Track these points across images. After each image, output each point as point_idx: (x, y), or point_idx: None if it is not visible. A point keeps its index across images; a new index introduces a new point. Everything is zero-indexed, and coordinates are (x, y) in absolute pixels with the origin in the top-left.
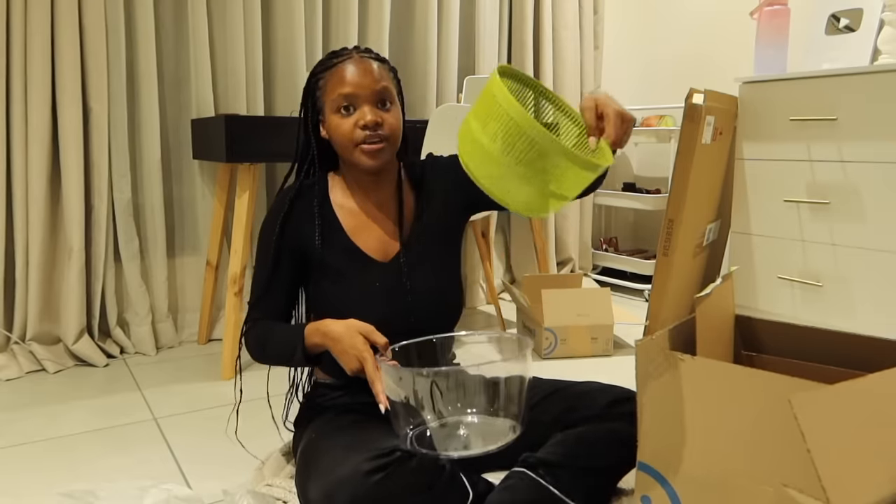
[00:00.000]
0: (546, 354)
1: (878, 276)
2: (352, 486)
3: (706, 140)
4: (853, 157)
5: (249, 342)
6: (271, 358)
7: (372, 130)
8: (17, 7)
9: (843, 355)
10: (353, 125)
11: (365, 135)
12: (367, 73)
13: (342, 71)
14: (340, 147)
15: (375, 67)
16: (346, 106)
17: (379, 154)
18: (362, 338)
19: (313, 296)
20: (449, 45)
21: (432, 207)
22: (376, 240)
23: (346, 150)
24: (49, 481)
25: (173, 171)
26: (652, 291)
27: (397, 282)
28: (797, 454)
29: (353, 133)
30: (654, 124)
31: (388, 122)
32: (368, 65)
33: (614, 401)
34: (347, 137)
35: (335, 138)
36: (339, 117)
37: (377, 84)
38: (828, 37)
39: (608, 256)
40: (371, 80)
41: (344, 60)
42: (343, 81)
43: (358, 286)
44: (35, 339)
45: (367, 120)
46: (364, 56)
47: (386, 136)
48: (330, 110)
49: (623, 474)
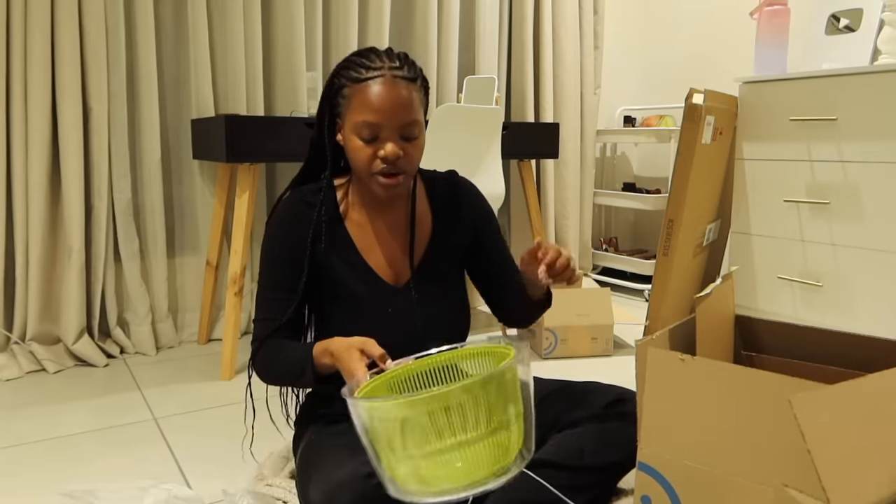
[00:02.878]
0: (546, 354)
1: (878, 276)
2: (352, 490)
3: (706, 140)
4: (853, 157)
5: (256, 364)
6: (279, 378)
7: (392, 164)
8: (17, 7)
9: (843, 355)
10: (373, 154)
11: (383, 167)
12: (396, 104)
13: (370, 93)
14: (356, 169)
15: (407, 95)
16: (368, 134)
17: (394, 188)
18: (358, 353)
19: (320, 314)
20: (449, 45)
21: (448, 229)
22: (388, 259)
23: (361, 174)
24: (49, 481)
25: (173, 171)
26: (652, 291)
27: (408, 308)
28: (797, 454)
29: (372, 163)
30: (654, 124)
31: (410, 154)
32: (400, 91)
33: (614, 401)
34: (365, 164)
35: (352, 159)
36: (359, 141)
37: (406, 117)
38: (828, 37)
39: (608, 256)
40: (400, 112)
41: (374, 78)
42: (369, 107)
43: (369, 310)
44: (35, 339)
45: (389, 153)
46: (397, 76)
47: (405, 169)
48: (350, 129)
49: (623, 474)
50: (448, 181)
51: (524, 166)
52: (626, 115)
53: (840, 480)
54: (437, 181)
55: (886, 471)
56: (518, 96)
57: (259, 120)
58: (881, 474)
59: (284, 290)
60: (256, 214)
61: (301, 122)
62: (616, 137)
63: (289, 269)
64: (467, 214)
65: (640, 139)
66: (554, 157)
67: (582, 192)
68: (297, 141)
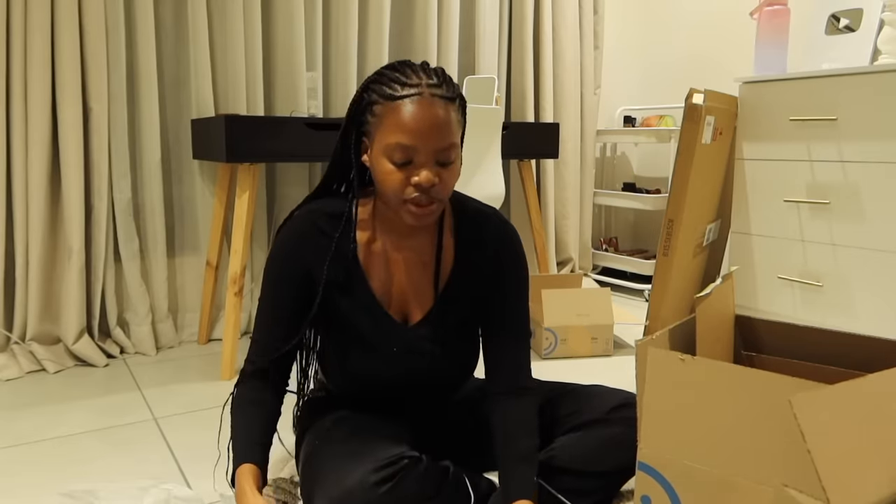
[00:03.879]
0: (546, 354)
1: (878, 276)
2: (361, 499)
3: (706, 140)
4: (853, 157)
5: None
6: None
7: (426, 193)
8: (17, 7)
9: (843, 355)
10: (405, 180)
11: (416, 196)
12: (434, 126)
13: (405, 113)
14: (385, 194)
15: (445, 115)
16: (401, 157)
17: (427, 217)
18: None
19: (322, 344)
20: (449, 45)
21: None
22: (400, 295)
23: (390, 201)
24: (49, 481)
25: (173, 171)
26: (652, 291)
27: (417, 347)
28: (797, 454)
29: (405, 189)
30: (654, 124)
31: (445, 182)
32: (437, 111)
33: (618, 405)
34: (397, 191)
35: (380, 182)
36: (390, 165)
37: (444, 141)
38: (828, 37)
39: (608, 256)
40: (437, 135)
41: (411, 97)
42: (404, 129)
43: (371, 348)
44: (35, 339)
45: (424, 180)
46: (435, 94)
47: (440, 197)
48: (381, 151)
49: (626, 479)
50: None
51: (524, 166)
52: (626, 115)
53: (840, 480)
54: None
55: (886, 471)
56: (518, 96)
57: (259, 120)
58: (881, 474)
59: (282, 316)
60: (256, 214)
61: (301, 122)
62: (616, 137)
63: (290, 293)
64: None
65: (640, 139)
66: (554, 157)
67: (582, 192)
68: (297, 141)
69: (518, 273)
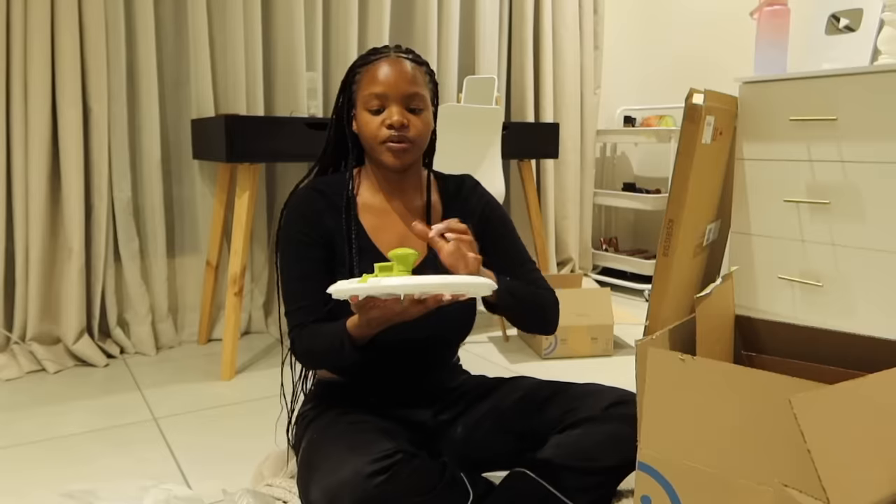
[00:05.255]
0: (546, 354)
1: (878, 276)
2: (354, 489)
3: (706, 140)
4: (853, 157)
5: (298, 352)
6: (322, 357)
7: (398, 131)
8: (17, 7)
9: (843, 355)
10: (381, 123)
11: (390, 134)
12: (400, 75)
13: (377, 69)
14: (367, 144)
15: (410, 69)
16: (376, 104)
17: (403, 154)
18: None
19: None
20: (449, 45)
21: (459, 216)
22: (398, 244)
23: (372, 148)
24: (49, 481)
25: (173, 171)
26: (652, 291)
27: None
28: (797, 454)
29: (380, 131)
30: (654, 124)
31: (414, 125)
32: (403, 65)
33: (615, 403)
34: (374, 135)
35: (363, 134)
36: (368, 115)
37: (409, 87)
38: (828, 37)
39: (608, 256)
40: (403, 81)
41: (381, 58)
42: (376, 80)
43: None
44: (35, 339)
45: (394, 120)
46: (401, 56)
47: (411, 138)
48: (361, 107)
49: (623, 476)
50: (458, 178)
51: (524, 166)
52: (626, 115)
53: (840, 480)
54: (450, 179)
55: (886, 471)
56: (518, 96)
57: (259, 120)
58: (881, 474)
59: (311, 274)
60: (256, 214)
61: (301, 122)
62: (616, 137)
63: (310, 252)
64: (475, 205)
65: (640, 139)
66: (554, 157)
67: (582, 192)
68: (297, 141)
69: (504, 216)
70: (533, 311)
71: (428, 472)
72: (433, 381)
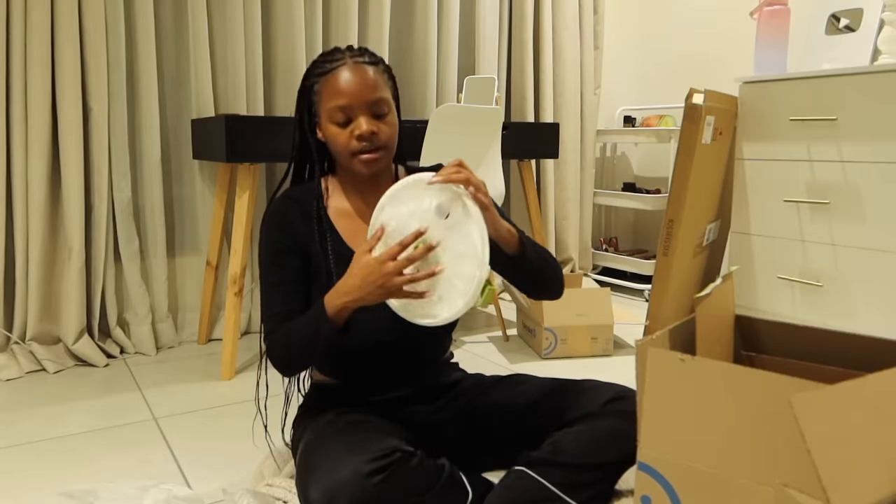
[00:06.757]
0: (546, 354)
1: (878, 276)
2: (352, 489)
3: (706, 140)
4: (853, 157)
5: (273, 355)
6: (298, 352)
7: (368, 141)
8: (17, 7)
9: (843, 355)
10: (350, 135)
11: (361, 145)
12: (362, 83)
13: (337, 79)
14: (338, 154)
15: (371, 74)
16: (341, 117)
17: (376, 163)
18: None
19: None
20: (449, 45)
21: None
22: None
23: (343, 158)
24: (49, 481)
25: (173, 171)
26: (652, 291)
27: None
28: (797, 454)
29: (350, 143)
30: (654, 124)
31: (383, 131)
32: (363, 72)
33: (612, 398)
34: (344, 147)
35: (333, 147)
36: (335, 127)
37: (373, 94)
38: (828, 37)
39: (608, 256)
40: (366, 90)
41: (339, 66)
42: (338, 92)
43: None
44: (35, 339)
45: (364, 130)
46: (358, 61)
47: (382, 145)
48: (326, 119)
49: (622, 472)
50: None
51: (524, 166)
52: (626, 115)
53: (840, 480)
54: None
55: (886, 471)
56: (518, 96)
57: (259, 120)
58: (881, 474)
59: (287, 280)
60: (256, 214)
61: None
62: (616, 137)
63: (286, 260)
64: None
65: (640, 139)
66: (554, 157)
67: (582, 192)
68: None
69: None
70: (548, 265)
71: (427, 471)
72: (426, 378)
